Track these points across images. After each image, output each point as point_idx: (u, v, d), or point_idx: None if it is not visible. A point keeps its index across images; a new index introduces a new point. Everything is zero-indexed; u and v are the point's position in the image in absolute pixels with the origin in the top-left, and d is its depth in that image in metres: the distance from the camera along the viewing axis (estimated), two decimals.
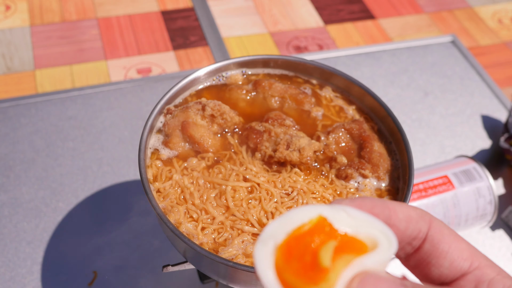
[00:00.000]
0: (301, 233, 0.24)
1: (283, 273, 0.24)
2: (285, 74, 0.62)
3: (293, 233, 0.24)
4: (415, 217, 0.29)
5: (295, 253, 0.24)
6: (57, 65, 1.03)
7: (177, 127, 0.53)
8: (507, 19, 1.30)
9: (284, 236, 0.24)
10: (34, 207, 0.78)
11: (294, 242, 0.24)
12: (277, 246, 0.24)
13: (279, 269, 0.24)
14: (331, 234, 0.24)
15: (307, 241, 0.24)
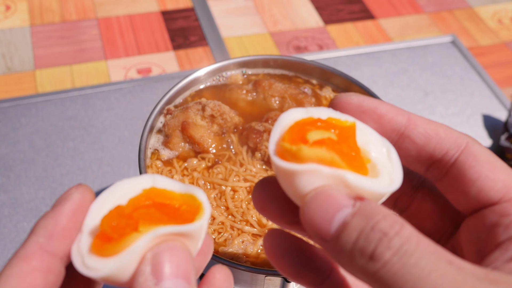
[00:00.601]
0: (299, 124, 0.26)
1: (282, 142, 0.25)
2: (285, 74, 0.62)
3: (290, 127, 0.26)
4: (442, 136, 0.27)
5: (293, 133, 0.25)
6: (57, 65, 1.03)
7: (177, 127, 0.53)
8: (507, 19, 1.30)
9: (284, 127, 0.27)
10: (34, 207, 0.78)
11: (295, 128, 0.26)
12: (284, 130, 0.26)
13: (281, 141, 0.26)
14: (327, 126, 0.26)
15: (303, 127, 0.26)
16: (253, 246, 0.47)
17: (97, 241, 0.24)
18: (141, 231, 0.24)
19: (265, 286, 0.45)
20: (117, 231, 0.24)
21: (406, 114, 0.29)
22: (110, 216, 0.24)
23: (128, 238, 0.24)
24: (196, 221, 0.25)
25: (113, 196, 0.26)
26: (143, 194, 0.26)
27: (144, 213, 0.25)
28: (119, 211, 0.25)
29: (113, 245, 0.24)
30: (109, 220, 0.24)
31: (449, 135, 0.27)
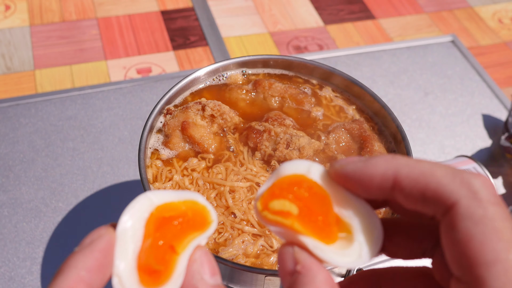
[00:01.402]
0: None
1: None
2: (285, 74, 0.62)
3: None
4: (429, 197, 0.24)
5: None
6: (57, 65, 1.03)
7: (177, 127, 0.53)
8: (507, 19, 1.30)
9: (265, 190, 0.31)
10: (34, 207, 0.78)
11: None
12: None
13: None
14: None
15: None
16: (253, 246, 0.47)
17: (144, 276, 0.27)
18: (179, 252, 0.28)
19: (265, 286, 0.45)
20: (161, 263, 0.28)
21: (391, 172, 0.26)
22: (148, 252, 0.28)
23: (170, 261, 0.28)
24: (212, 224, 0.30)
25: (128, 232, 0.28)
26: (153, 215, 0.29)
27: (169, 234, 0.28)
28: (149, 244, 0.28)
29: (161, 274, 0.27)
30: (147, 255, 0.28)
31: (438, 179, 0.25)
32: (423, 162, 0.26)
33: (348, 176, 0.28)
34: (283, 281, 0.27)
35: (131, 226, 0.28)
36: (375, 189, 0.27)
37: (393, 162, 0.26)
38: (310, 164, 0.31)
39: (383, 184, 0.26)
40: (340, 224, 0.29)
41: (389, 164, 0.26)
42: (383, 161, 0.26)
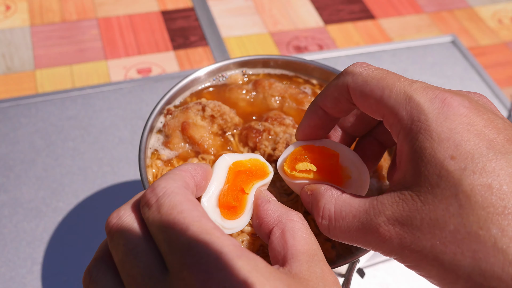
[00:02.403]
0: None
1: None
2: (285, 74, 0.62)
3: None
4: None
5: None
6: (57, 65, 1.03)
7: (177, 127, 0.53)
8: (507, 19, 1.30)
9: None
10: (34, 207, 0.78)
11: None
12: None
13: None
14: None
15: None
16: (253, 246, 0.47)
17: (224, 211, 0.39)
18: (247, 192, 0.40)
19: None
20: (237, 200, 0.39)
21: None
22: (226, 193, 0.39)
23: (242, 200, 0.40)
24: (269, 174, 0.42)
25: (215, 177, 0.40)
26: (231, 169, 0.41)
27: (240, 180, 0.41)
28: (226, 189, 0.40)
29: (237, 209, 0.39)
30: (226, 196, 0.39)
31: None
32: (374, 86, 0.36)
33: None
34: (306, 205, 0.40)
35: (216, 176, 0.40)
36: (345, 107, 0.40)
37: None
38: (314, 141, 0.44)
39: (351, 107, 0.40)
40: (343, 170, 0.42)
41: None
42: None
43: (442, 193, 0.30)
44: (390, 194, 0.33)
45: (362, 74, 0.36)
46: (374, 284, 0.74)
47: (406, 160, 0.33)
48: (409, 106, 0.33)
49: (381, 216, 0.33)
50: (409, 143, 0.33)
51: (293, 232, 0.34)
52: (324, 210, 0.36)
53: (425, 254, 0.31)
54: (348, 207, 0.35)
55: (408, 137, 0.33)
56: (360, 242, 0.35)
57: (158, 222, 0.30)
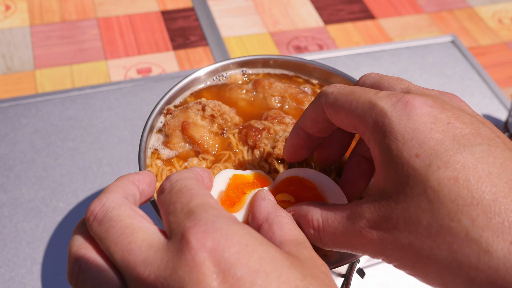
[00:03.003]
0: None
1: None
2: (285, 74, 0.62)
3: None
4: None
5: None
6: (57, 65, 1.03)
7: (177, 127, 0.53)
8: (507, 19, 1.30)
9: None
10: (34, 207, 0.78)
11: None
12: None
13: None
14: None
15: None
16: None
17: (225, 205, 0.42)
18: (247, 193, 0.43)
19: None
20: (237, 197, 0.43)
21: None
22: (229, 190, 0.43)
23: (242, 199, 0.43)
24: (271, 184, 0.46)
25: (217, 183, 0.44)
26: (232, 179, 0.44)
27: (242, 186, 0.44)
28: (230, 188, 0.43)
29: (236, 205, 0.42)
30: (228, 194, 0.43)
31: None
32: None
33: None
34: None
35: (217, 184, 0.44)
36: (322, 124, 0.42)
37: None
38: (299, 169, 0.47)
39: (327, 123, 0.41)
40: (322, 199, 0.45)
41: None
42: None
43: (412, 191, 0.31)
44: (368, 198, 0.35)
45: (334, 93, 0.38)
46: (374, 284, 0.74)
47: (378, 164, 0.34)
48: (374, 113, 0.34)
49: (362, 220, 0.34)
50: (378, 147, 0.34)
51: (280, 225, 0.36)
52: (312, 221, 0.38)
53: (405, 252, 0.32)
54: (333, 215, 0.37)
55: (376, 142, 0.34)
56: (348, 247, 0.36)
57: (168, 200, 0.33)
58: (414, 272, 0.33)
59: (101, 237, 0.31)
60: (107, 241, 0.30)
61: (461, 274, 0.30)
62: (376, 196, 0.34)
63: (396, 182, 0.32)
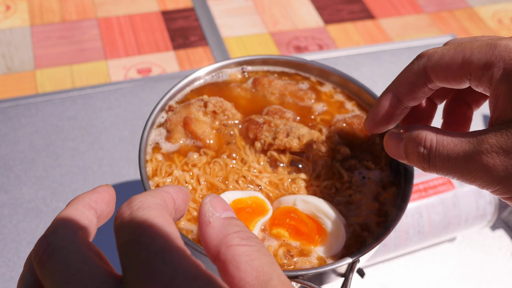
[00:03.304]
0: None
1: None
2: (285, 72, 0.62)
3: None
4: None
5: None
6: (57, 65, 1.03)
7: (179, 123, 0.53)
8: (507, 19, 1.30)
9: None
10: (34, 207, 0.78)
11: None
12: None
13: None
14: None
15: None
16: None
17: None
18: (251, 229, 0.43)
19: None
20: None
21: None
22: None
23: None
24: (269, 211, 0.47)
25: None
26: (231, 206, 0.42)
27: (243, 218, 0.44)
28: None
29: None
30: None
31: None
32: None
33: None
34: (390, 145, 0.43)
35: None
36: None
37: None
38: (295, 197, 0.47)
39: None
40: (320, 230, 0.46)
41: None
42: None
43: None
44: (492, 127, 0.35)
45: (437, 51, 0.39)
46: (374, 284, 0.74)
47: (504, 99, 0.35)
48: (497, 51, 0.35)
49: (485, 144, 0.34)
50: (506, 82, 0.34)
51: (236, 263, 0.29)
52: (426, 140, 0.38)
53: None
54: (449, 137, 0.37)
55: (503, 78, 0.35)
56: (460, 171, 0.36)
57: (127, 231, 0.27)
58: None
59: (45, 283, 0.26)
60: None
61: None
62: (502, 125, 0.34)
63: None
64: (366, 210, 0.49)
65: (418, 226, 0.70)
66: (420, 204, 0.71)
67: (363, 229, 0.48)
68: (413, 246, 0.73)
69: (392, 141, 0.42)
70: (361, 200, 0.50)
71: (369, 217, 0.49)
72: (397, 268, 0.75)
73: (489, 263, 0.78)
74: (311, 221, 0.47)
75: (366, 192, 0.50)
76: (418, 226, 0.70)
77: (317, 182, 0.51)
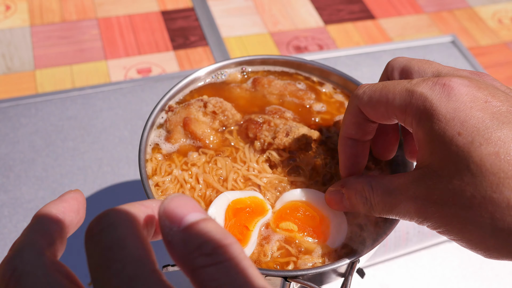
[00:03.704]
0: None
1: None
2: (286, 71, 0.62)
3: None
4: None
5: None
6: (57, 65, 1.03)
7: (179, 123, 0.53)
8: (507, 19, 1.30)
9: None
10: (34, 207, 0.78)
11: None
12: None
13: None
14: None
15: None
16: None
17: None
18: (251, 229, 0.45)
19: None
20: (241, 234, 0.44)
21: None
22: (230, 227, 0.44)
23: (247, 234, 0.44)
24: (268, 211, 0.47)
25: (213, 215, 0.45)
26: (230, 207, 0.45)
27: (242, 219, 0.45)
28: (231, 223, 0.45)
29: (241, 241, 0.43)
30: (232, 229, 0.44)
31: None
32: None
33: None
34: (336, 202, 0.46)
35: (215, 212, 0.45)
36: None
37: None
38: (301, 190, 0.48)
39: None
40: (323, 222, 0.47)
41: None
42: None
43: (456, 167, 0.34)
44: (413, 173, 0.38)
45: (366, 92, 0.41)
46: (374, 284, 0.74)
47: (422, 144, 0.37)
48: (414, 99, 0.37)
49: (409, 191, 0.37)
50: (422, 129, 0.37)
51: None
52: (364, 190, 0.41)
53: (450, 220, 0.35)
54: (381, 185, 0.40)
55: (420, 125, 0.37)
56: (395, 214, 0.40)
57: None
58: (458, 238, 0.36)
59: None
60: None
61: (503, 239, 0.33)
62: (421, 170, 0.37)
63: (440, 159, 0.35)
64: None
65: (418, 226, 0.70)
66: None
67: (363, 229, 0.48)
68: (413, 246, 0.73)
69: (335, 198, 0.45)
70: None
71: (369, 217, 0.49)
72: (397, 268, 0.75)
73: (489, 263, 0.78)
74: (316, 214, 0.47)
75: None
76: (418, 226, 0.70)
77: (316, 182, 0.51)
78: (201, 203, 0.49)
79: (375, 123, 0.43)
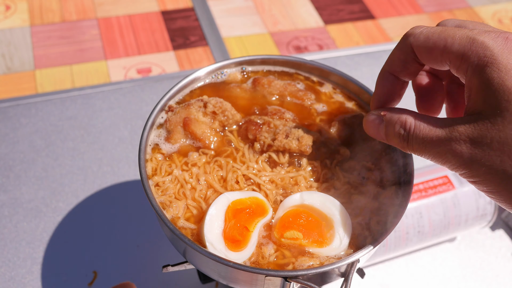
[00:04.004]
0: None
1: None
2: (286, 71, 0.62)
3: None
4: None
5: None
6: (57, 65, 1.03)
7: (179, 123, 0.53)
8: (507, 19, 1.30)
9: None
10: (34, 207, 0.78)
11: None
12: None
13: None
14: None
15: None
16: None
17: (229, 243, 0.44)
18: (251, 230, 0.45)
19: (265, 286, 0.45)
20: (241, 235, 0.45)
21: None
22: (230, 228, 0.45)
23: (246, 235, 0.45)
24: (269, 212, 0.47)
25: (214, 217, 0.45)
26: (230, 208, 0.46)
27: (242, 219, 0.45)
28: (231, 224, 0.45)
29: (241, 242, 0.44)
30: (231, 230, 0.45)
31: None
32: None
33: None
34: (371, 126, 0.46)
35: (215, 213, 0.45)
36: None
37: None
38: (301, 194, 0.48)
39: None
40: (327, 223, 0.47)
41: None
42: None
43: (510, 115, 0.35)
44: (463, 118, 0.38)
45: (422, 33, 0.41)
46: (374, 284, 0.74)
47: (476, 92, 0.38)
48: (474, 46, 0.37)
49: (455, 132, 0.38)
50: (478, 76, 0.37)
51: None
52: (406, 122, 0.42)
53: (495, 169, 0.36)
54: (426, 122, 0.40)
55: (476, 72, 0.37)
56: (433, 154, 0.40)
57: None
58: (494, 190, 0.37)
59: None
60: None
61: None
62: (472, 117, 0.38)
63: (494, 107, 0.36)
64: (366, 210, 0.49)
65: (418, 226, 0.70)
66: (420, 204, 0.71)
67: (363, 229, 0.48)
68: (413, 246, 0.73)
69: (373, 123, 0.46)
70: (361, 200, 0.50)
71: (369, 217, 0.48)
72: (397, 268, 0.75)
73: (489, 263, 0.78)
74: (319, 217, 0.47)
75: (366, 192, 0.50)
76: (418, 226, 0.70)
77: (316, 184, 0.51)
78: (202, 204, 0.49)
79: (421, 65, 0.44)
